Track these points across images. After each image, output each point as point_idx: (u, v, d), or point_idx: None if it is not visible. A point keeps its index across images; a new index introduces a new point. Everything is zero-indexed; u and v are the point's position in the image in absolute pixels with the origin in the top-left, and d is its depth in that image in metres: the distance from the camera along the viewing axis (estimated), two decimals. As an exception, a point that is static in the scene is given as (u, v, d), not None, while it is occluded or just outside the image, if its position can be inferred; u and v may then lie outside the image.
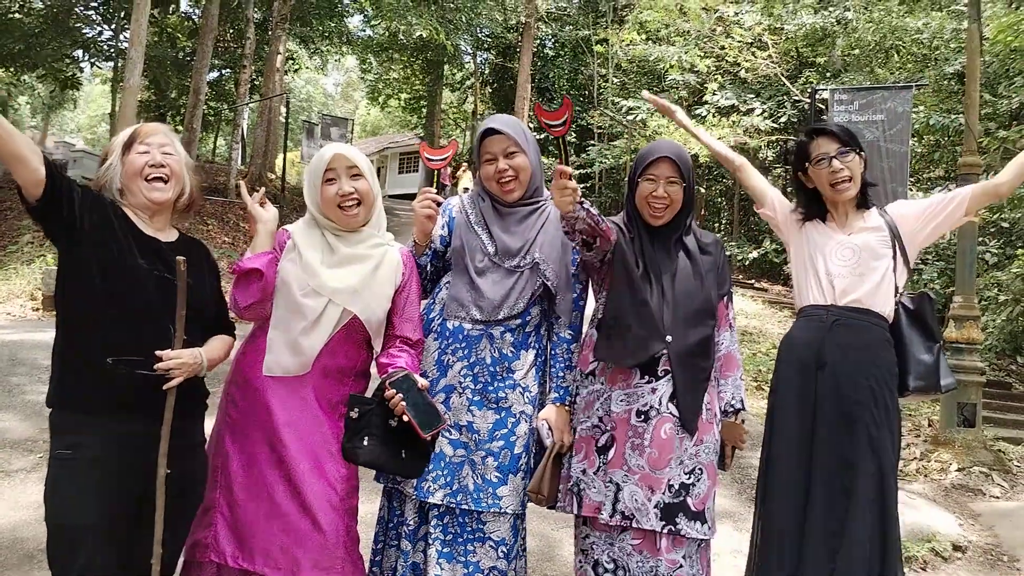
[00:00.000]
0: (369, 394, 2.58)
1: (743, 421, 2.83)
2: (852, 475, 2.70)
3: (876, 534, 2.68)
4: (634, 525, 2.59)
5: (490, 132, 2.76)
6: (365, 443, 2.43)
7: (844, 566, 2.65)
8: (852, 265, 2.81)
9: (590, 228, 2.52)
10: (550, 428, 2.68)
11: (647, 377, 2.66)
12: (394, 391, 2.41)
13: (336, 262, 2.56)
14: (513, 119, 2.86)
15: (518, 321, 2.72)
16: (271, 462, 2.48)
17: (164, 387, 2.22)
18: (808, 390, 2.81)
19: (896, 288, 2.85)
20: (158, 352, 2.22)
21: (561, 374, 2.76)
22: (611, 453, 2.64)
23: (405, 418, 2.40)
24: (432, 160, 2.89)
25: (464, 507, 2.63)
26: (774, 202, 3.09)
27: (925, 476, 6.16)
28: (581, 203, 2.46)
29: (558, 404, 2.73)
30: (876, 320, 2.81)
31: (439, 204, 2.74)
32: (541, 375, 2.79)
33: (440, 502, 2.63)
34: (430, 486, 2.64)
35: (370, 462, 2.46)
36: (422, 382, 2.45)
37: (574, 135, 23.30)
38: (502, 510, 2.64)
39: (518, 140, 2.73)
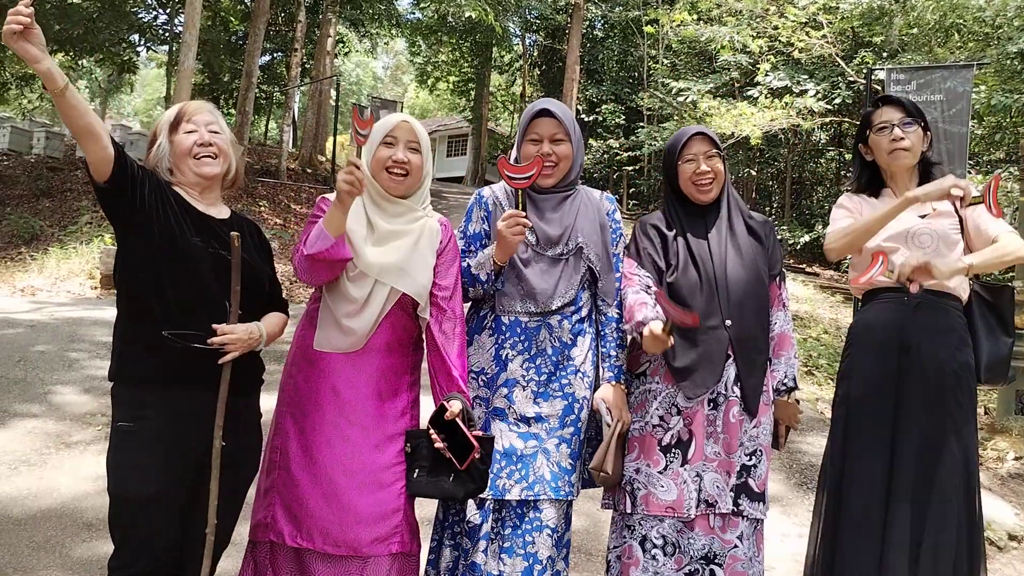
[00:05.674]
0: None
1: (797, 401, 2.81)
2: (936, 462, 2.62)
3: (963, 522, 2.62)
4: (716, 511, 2.60)
5: (543, 113, 2.71)
6: (415, 475, 2.50)
7: (930, 554, 2.57)
8: (932, 251, 2.71)
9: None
10: (608, 407, 2.66)
11: None
12: (434, 429, 2.46)
13: (377, 239, 2.55)
14: (565, 107, 2.81)
15: (573, 307, 2.71)
16: (333, 441, 2.50)
17: (219, 361, 2.27)
18: (889, 374, 2.71)
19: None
20: (214, 326, 2.27)
21: (613, 353, 2.73)
22: (692, 449, 2.63)
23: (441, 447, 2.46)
24: (515, 179, 2.57)
25: (543, 497, 2.59)
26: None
27: (981, 465, 6.02)
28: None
29: (613, 383, 2.70)
30: (955, 303, 2.76)
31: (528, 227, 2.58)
32: (596, 358, 2.77)
33: (518, 497, 2.58)
34: (505, 483, 2.59)
35: (419, 493, 2.52)
36: (454, 409, 2.44)
37: (623, 117, 23.08)
38: (574, 497, 2.65)
39: (567, 128, 2.70)
